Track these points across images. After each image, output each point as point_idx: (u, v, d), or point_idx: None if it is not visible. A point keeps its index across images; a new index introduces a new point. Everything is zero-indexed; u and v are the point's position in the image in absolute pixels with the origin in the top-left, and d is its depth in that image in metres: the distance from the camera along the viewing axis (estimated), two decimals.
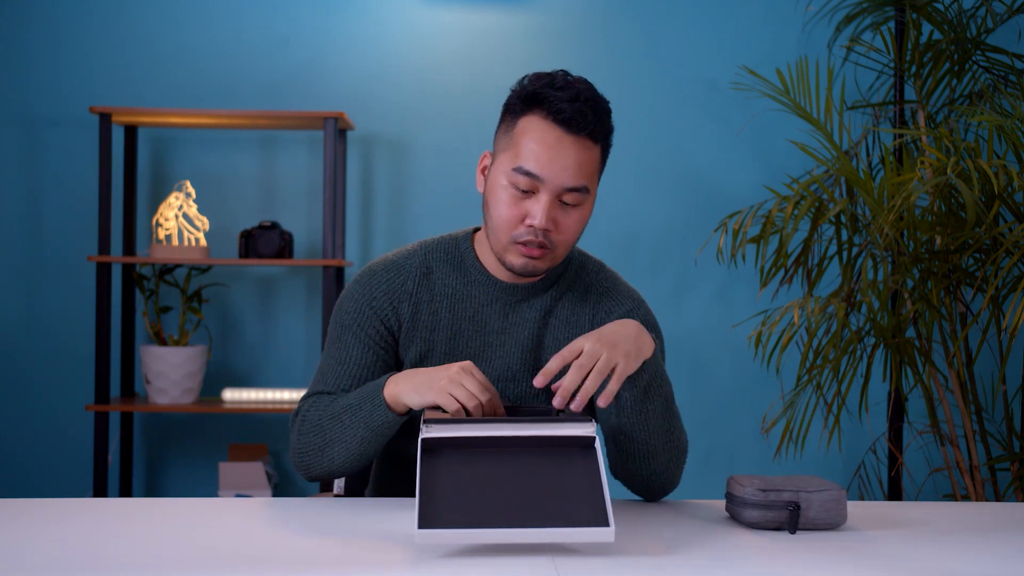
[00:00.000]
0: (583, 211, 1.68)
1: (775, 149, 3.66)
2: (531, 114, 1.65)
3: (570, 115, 1.62)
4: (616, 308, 1.78)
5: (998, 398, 3.52)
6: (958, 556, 1.39)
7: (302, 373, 3.67)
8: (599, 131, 1.66)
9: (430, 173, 3.68)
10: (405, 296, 1.75)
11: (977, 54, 3.30)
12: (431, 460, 1.40)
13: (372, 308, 1.74)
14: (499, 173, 1.67)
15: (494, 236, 1.69)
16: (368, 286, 1.76)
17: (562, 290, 1.78)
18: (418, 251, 1.79)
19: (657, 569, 1.29)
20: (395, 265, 1.77)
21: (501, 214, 1.66)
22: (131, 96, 3.63)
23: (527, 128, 1.65)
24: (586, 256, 1.83)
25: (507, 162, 1.66)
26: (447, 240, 1.80)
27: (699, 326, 3.68)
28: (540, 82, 1.66)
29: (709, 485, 3.60)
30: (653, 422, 1.63)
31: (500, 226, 1.67)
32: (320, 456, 1.66)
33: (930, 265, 3.01)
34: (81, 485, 3.62)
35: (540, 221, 1.63)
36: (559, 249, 1.68)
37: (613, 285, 1.81)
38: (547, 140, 1.63)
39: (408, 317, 1.74)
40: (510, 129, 1.68)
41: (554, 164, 1.63)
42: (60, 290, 3.63)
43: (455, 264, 1.77)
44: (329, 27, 3.67)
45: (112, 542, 1.39)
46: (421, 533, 1.30)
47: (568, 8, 3.70)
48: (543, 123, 1.64)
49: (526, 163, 1.63)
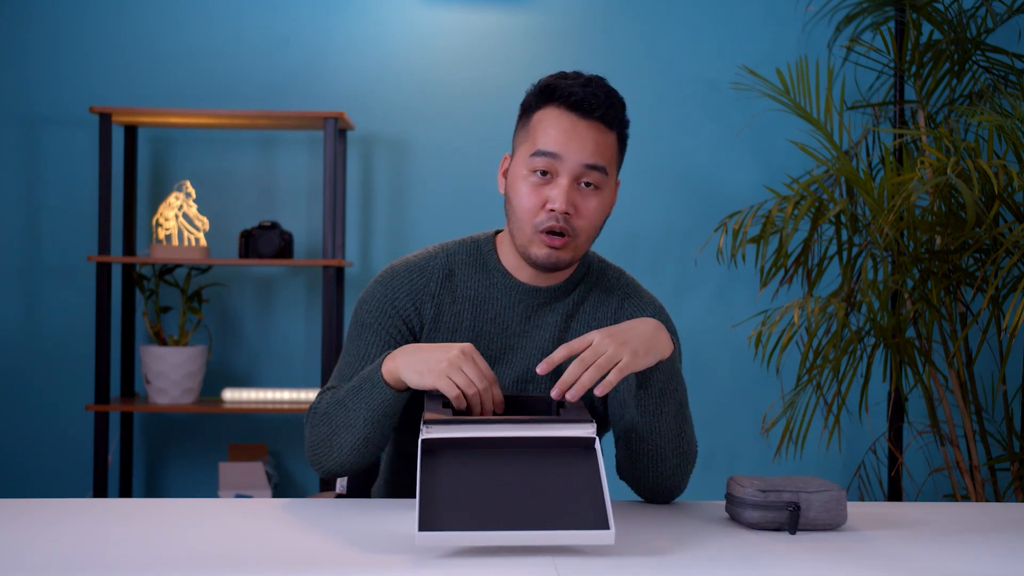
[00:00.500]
0: (603, 197, 1.70)
1: (775, 149, 3.66)
2: (546, 107, 1.69)
3: (582, 97, 1.67)
4: (638, 313, 1.79)
5: (998, 398, 3.52)
6: (958, 556, 1.39)
7: (302, 373, 3.67)
8: (612, 116, 1.69)
9: (430, 173, 3.68)
10: (428, 297, 1.75)
11: (977, 54, 3.30)
12: (431, 461, 1.40)
13: (394, 308, 1.74)
14: (518, 166, 1.70)
15: (518, 228, 1.70)
16: (390, 287, 1.76)
17: (584, 293, 1.79)
18: (440, 253, 1.79)
19: (657, 569, 1.29)
20: (417, 267, 1.77)
21: (523, 203, 1.68)
22: (131, 96, 3.63)
23: (543, 118, 1.69)
24: (606, 263, 1.85)
25: (525, 152, 1.69)
26: (469, 243, 1.81)
27: (699, 326, 3.68)
28: (552, 77, 1.72)
29: (709, 486, 3.60)
30: (665, 424, 1.63)
31: (523, 216, 1.68)
32: (329, 446, 1.65)
33: (930, 265, 3.01)
34: (81, 485, 3.62)
35: (561, 204, 1.65)
36: (580, 237, 1.69)
37: (635, 291, 1.82)
38: (563, 124, 1.67)
39: (431, 318, 1.75)
40: (527, 124, 1.71)
41: (571, 143, 1.66)
42: (60, 290, 3.63)
43: (477, 266, 1.78)
44: (329, 27, 3.67)
45: (112, 543, 1.39)
46: (421, 535, 1.30)
47: (568, 8, 3.70)
48: (557, 111, 1.68)
49: (544, 145, 1.67)
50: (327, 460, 1.67)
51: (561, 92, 1.68)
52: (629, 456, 1.66)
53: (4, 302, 3.63)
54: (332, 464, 1.67)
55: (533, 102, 1.71)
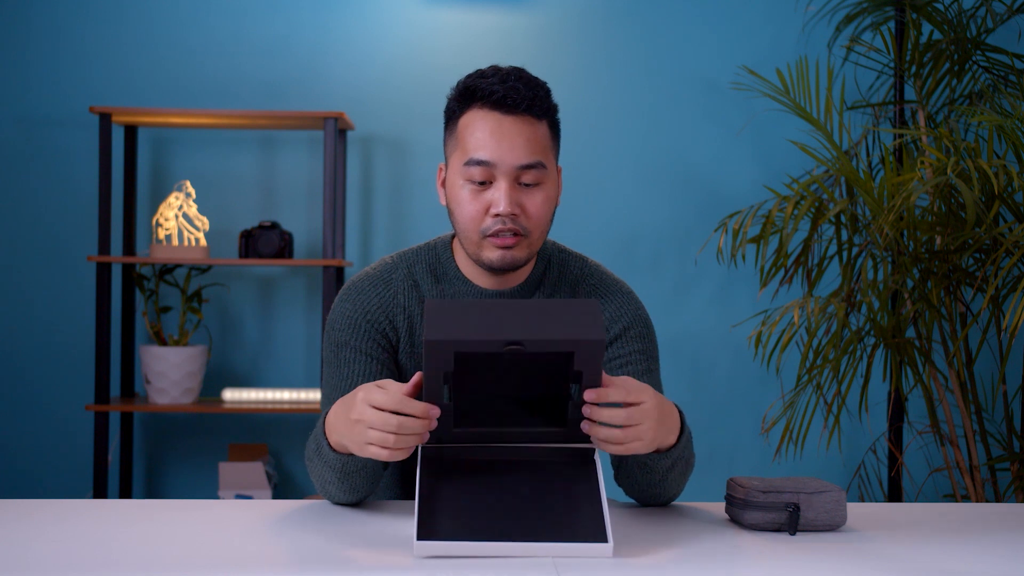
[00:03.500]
0: (547, 190, 1.65)
1: (775, 149, 3.66)
2: (469, 110, 1.65)
3: (503, 94, 1.61)
4: (608, 304, 1.75)
5: (998, 398, 3.52)
6: (958, 556, 1.39)
7: (302, 373, 3.67)
8: (538, 106, 1.63)
9: (430, 173, 3.68)
10: (399, 310, 1.71)
11: (977, 54, 3.30)
12: (431, 471, 1.40)
13: (368, 321, 1.70)
14: (454, 175, 1.66)
15: (465, 238, 1.66)
16: (358, 302, 1.71)
17: (547, 292, 1.75)
18: (400, 263, 1.75)
19: (657, 571, 1.29)
20: (381, 279, 1.73)
21: (464, 212, 1.64)
22: (131, 96, 3.63)
23: (468, 123, 1.64)
24: (567, 252, 1.80)
25: (458, 161, 1.65)
26: (425, 250, 1.77)
27: (699, 326, 3.68)
28: (470, 78, 1.67)
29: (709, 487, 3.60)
30: (670, 482, 1.62)
31: (468, 225, 1.64)
32: (326, 490, 1.62)
33: (930, 265, 3.01)
34: (81, 485, 3.62)
35: (504, 207, 1.61)
36: (533, 235, 1.65)
37: (600, 281, 1.77)
38: (489, 126, 1.62)
39: (405, 331, 1.71)
40: (454, 131, 1.67)
41: (501, 145, 1.61)
42: (60, 290, 3.63)
43: (439, 274, 1.74)
44: (329, 27, 3.67)
45: (112, 543, 1.39)
46: (420, 545, 1.30)
47: (568, 8, 3.70)
48: (481, 112, 1.63)
49: (475, 152, 1.62)
50: (331, 498, 1.64)
51: (482, 92, 1.63)
52: (628, 477, 1.64)
53: (4, 302, 3.63)
54: (340, 501, 1.64)
55: (456, 107, 1.67)
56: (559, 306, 1.36)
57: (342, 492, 1.60)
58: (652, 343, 1.76)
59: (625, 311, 1.75)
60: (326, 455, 1.54)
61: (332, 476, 1.57)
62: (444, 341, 1.30)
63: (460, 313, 1.33)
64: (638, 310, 1.76)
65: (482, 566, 1.29)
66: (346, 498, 1.62)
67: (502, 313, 1.34)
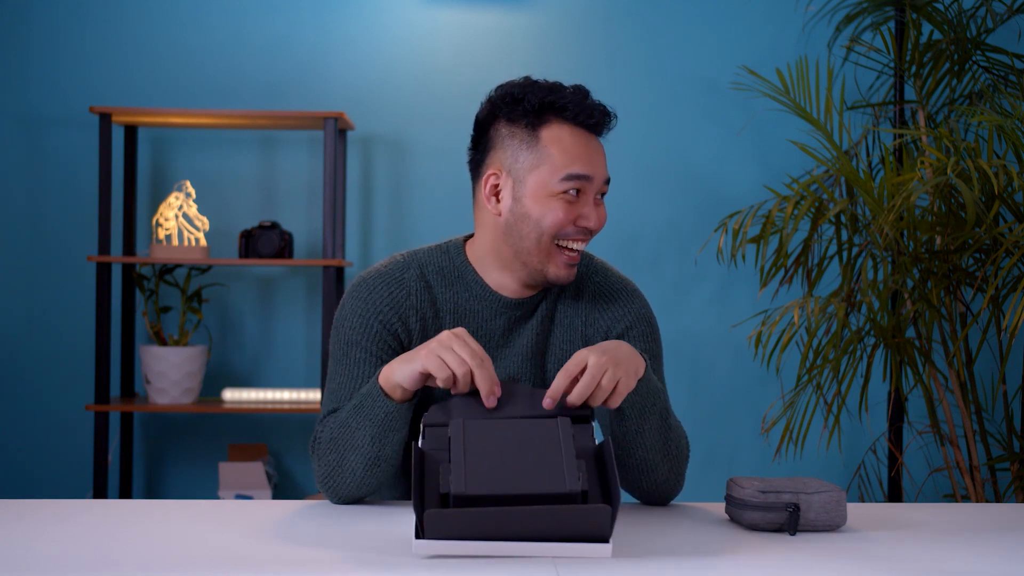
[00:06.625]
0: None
1: (775, 149, 3.66)
2: (553, 123, 1.67)
3: (589, 112, 1.67)
4: (614, 301, 1.77)
5: (998, 398, 3.52)
6: (958, 556, 1.39)
7: (302, 373, 3.67)
8: (607, 125, 1.72)
9: (430, 173, 3.68)
10: (411, 311, 1.71)
11: (977, 54, 3.30)
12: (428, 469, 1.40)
13: (380, 321, 1.69)
14: (539, 186, 1.66)
15: (537, 246, 1.67)
16: (369, 300, 1.70)
17: (558, 292, 1.77)
18: (411, 263, 1.74)
19: (657, 571, 1.29)
20: (393, 278, 1.72)
21: (558, 221, 1.66)
22: (131, 96, 3.63)
23: (558, 136, 1.66)
24: None
25: (548, 174, 1.66)
26: (437, 252, 1.76)
27: (699, 326, 3.68)
28: (542, 91, 1.67)
29: (709, 487, 3.61)
30: (650, 439, 1.62)
31: (550, 232, 1.66)
32: (340, 472, 1.62)
33: (930, 265, 3.02)
34: (81, 485, 3.62)
35: (596, 222, 1.68)
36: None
37: (605, 278, 1.79)
38: (581, 141, 1.67)
39: (418, 331, 1.71)
40: (533, 143, 1.67)
41: (596, 163, 1.68)
42: (60, 290, 3.63)
43: (453, 278, 1.74)
44: (329, 27, 3.67)
45: (112, 543, 1.39)
46: (418, 544, 1.30)
47: (568, 8, 3.70)
48: (568, 127, 1.67)
49: (575, 168, 1.65)
50: (341, 487, 1.63)
51: (571, 110, 1.66)
52: (620, 470, 1.65)
53: (4, 302, 3.63)
54: (346, 490, 1.63)
55: (533, 120, 1.67)
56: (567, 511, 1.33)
57: (363, 463, 1.59)
58: (656, 342, 1.77)
59: (629, 310, 1.77)
60: (375, 402, 1.56)
61: (366, 435, 1.58)
62: None
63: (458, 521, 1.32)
64: (642, 309, 1.78)
65: (482, 566, 1.29)
66: (361, 474, 1.61)
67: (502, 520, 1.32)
